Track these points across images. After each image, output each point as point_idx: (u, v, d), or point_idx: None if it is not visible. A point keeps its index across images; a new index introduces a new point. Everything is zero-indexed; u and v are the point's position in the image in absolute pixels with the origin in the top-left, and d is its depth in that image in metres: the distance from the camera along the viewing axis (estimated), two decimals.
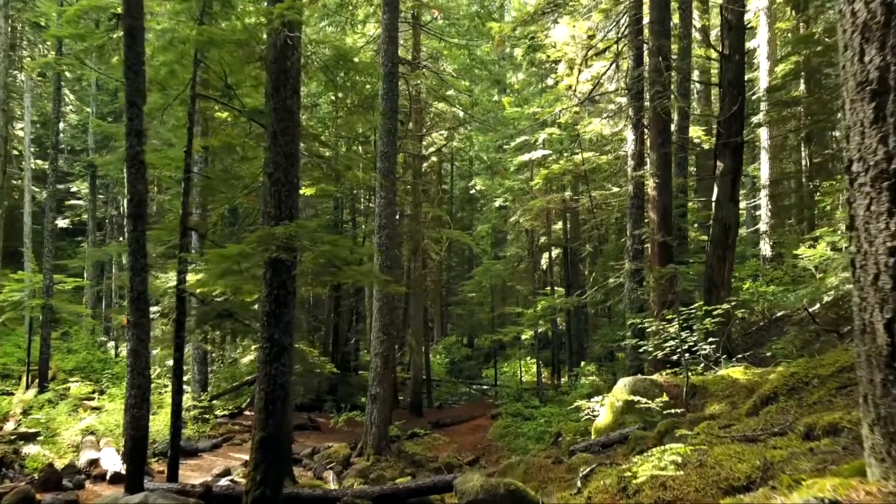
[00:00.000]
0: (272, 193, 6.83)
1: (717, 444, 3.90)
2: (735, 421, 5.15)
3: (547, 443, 15.42)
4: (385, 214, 14.09)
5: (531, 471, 7.03)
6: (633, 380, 8.46)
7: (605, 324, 19.53)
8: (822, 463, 2.87)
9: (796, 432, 3.61)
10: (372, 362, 14.10)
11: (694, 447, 3.90)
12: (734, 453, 3.45)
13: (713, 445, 3.90)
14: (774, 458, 3.22)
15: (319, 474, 12.50)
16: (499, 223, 31.72)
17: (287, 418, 6.77)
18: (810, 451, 3.19)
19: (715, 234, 12.10)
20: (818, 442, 3.32)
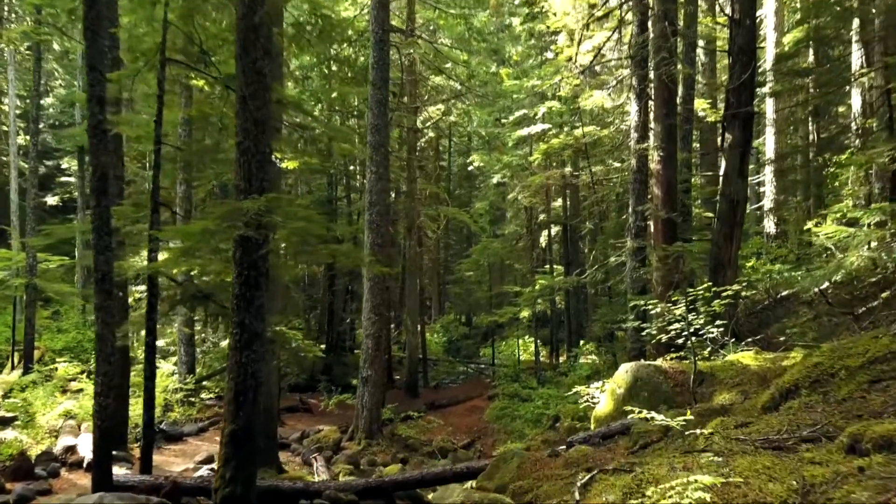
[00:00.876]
0: (241, 164, 6.21)
1: (737, 453, 3.34)
2: (752, 418, 4.59)
3: (545, 426, 14.96)
4: (376, 190, 13.46)
5: (525, 466, 6.50)
6: (636, 365, 7.91)
7: (606, 303, 19.00)
8: (883, 492, 2.31)
9: (836, 442, 3.06)
10: (363, 344, 13.58)
11: (713, 462, 3.34)
12: (763, 469, 2.88)
13: (733, 454, 3.35)
14: (815, 478, 2.67)
15: (308, 460, 12.03)
16: (497, 200, 31.06)
17: (259, 409, 6.23)
18: (860, 472, 2.64)
19: (722, 211, 11.48)
20: (868, 458, 2.77)
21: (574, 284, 14.80)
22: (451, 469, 7.37)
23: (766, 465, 2.92)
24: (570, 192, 24.40)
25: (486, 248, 25.90)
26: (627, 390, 7.79)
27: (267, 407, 10.59)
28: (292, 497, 7.39)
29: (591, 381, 15.86)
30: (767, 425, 4.07)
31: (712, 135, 23.58)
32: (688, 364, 7.87)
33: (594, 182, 19.85)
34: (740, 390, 6.70)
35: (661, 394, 7.47)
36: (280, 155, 9.81)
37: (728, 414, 5.85)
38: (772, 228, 22.37)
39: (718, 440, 4.03)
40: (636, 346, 11.72)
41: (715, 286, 8.81)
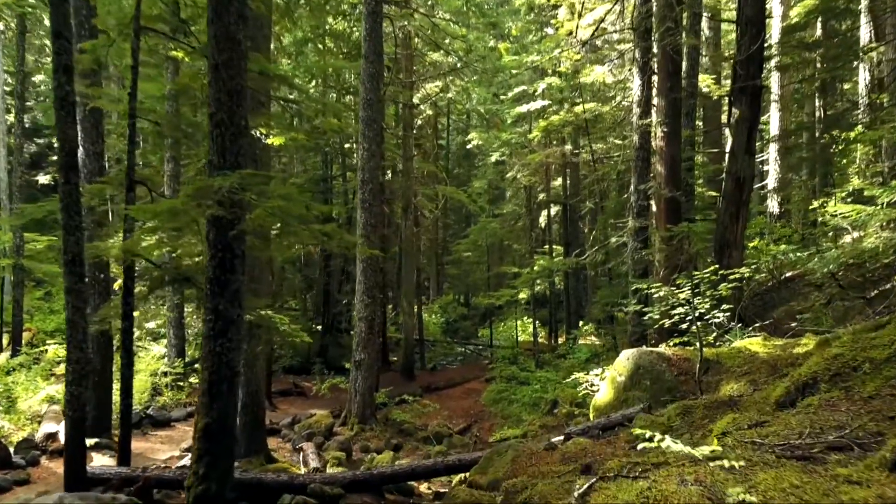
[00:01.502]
0: (214, 138, 5.75)
1: (757, 464, 2.94)
2: (767, 416, 4.18)
3: (542, 411, 14.64)
4: (368, 168, 12.98)
5: (519, 460, 6.12)
6: (638, 352, 7.51)
7: (606, 284, 18.59)
8: None
9: (878, 457, 2.64)
10: (356, 327, 13.19)
11: (730, 476, 2.93)
12: (791, 488, 2.47)
13: (752, 465, 2.94)
14: (855, 502, 2.27)
15: (298, 446, 11.70)
16: (496, 179, 30.55)
17: (236, 402, 5.82)
18: None
19: (727, 190, 11.01)
20: None
21: (573, 266, 14.37)
22: (443, 461, 7.00)
23: (793, 482, 2.52)
24: (570, 171, 23.89)
25: (484, 228, 25.47)
26: (629, 378, 7.39)
27: (254, 392, 10.23)
28: (276, 491, 7.03)
29: (590, 364, 15.53)
30: (786, 426, 3.66)
31: (715, 111, 23.02)
32: (692, 351, 7.46)
33: (595, 160, 19.34)
34: (749, 380, 6.29)
35: (663, 382, 7.08)
36: (265, 130, 9.32)
37: (738, 408, 5.45)
38: (775, 208, 21.91)
39: (732, 443, 3.62)
40: (637, 329, 11.33)
41: (720, 267, 8.40)
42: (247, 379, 10.17)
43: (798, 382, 4.60)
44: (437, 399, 17.51)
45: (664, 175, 11.17)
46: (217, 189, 5.22)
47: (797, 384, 4.60)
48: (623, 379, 7.48)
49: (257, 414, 10.22)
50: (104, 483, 7.15)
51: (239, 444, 10.22)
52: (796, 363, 6.09)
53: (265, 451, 10.34)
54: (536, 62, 19.87)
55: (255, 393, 10.19)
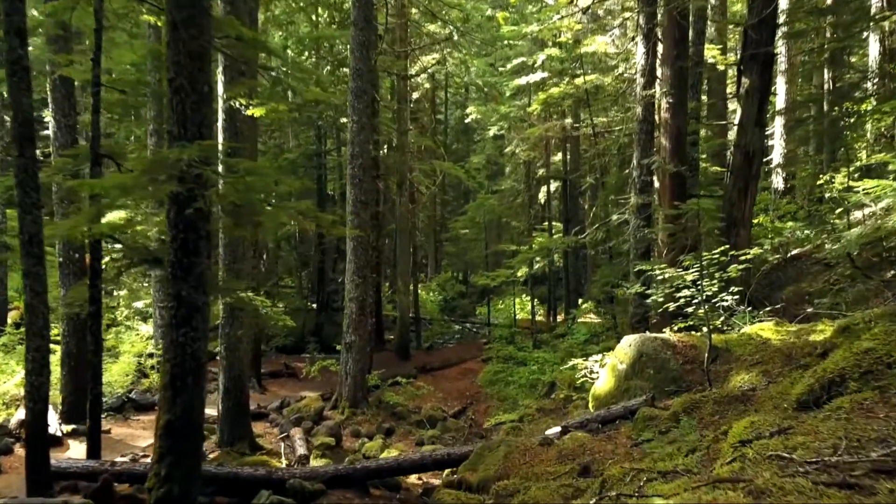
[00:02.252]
0: (174, 106, 5.17)
1: (790, 492, 2.43)
2: (790, 420, 3.68)
3: (540, 393, 14.21)
4: (358, 142, 12.37)
5: (512, 457, 5.65)
6: (641, 339, 7.01)
7: (606, 262, 18.06)
8: None
9: None
10: (346, 308, 12.69)
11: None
12: None
13: (784, 492, 2.44)
14: None
15: (286, 431, 11.27)
16: (494, 154, 29.87)
17: (202, 396, 5.33)
18: None
19: (736, 164, 10.46)
20: None
21: (573, 244, 13.84)
22: (431, 456, 6.54)
23: None
24: (570, 146, 23.25)
25: (482, 204, 24.87)
26: (630, 366, 6.90)
27: (237, 376, 9.77)
28: (253, 486, 6.59)
29: (589, 345, 15.08)
30: (816, 436, 3.15)
31: (720, 83, 22.29)
32: (699, 337, 6.97)
33: (595, 134, 18.69)
34: (761, 370, 5.80)
35: (668, 372, 6.59)
36: (245, 101, 8.71)
37: (751, 403, 4.96)
38: (780, 184, 21.31)
39: (753, 456, 3.12)
40: (639, 311, 10.83)
41: (727, 246, 7.89)
42: (229, 363, 9.71)
43: (823, 379, 4.09)
44: (432, 380, 17.10)
45: (669, 149, 10.58)
46: (174, 162, 4.66)
47: (822, 381, 4.09)
48: (624, 367, 6.99)
49: (241, 399, 9.77)
50: (70, 477, 6.71)
51: (222, 431, 9.80)
52: (814, 353, 5.60)
53: (250, 438, 9.91)
54: (536, 32, 19.10)
55: (238, 378, 9.72)
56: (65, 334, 10.63)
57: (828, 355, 5.32)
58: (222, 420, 9.73)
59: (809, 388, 4.15)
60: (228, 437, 9.63)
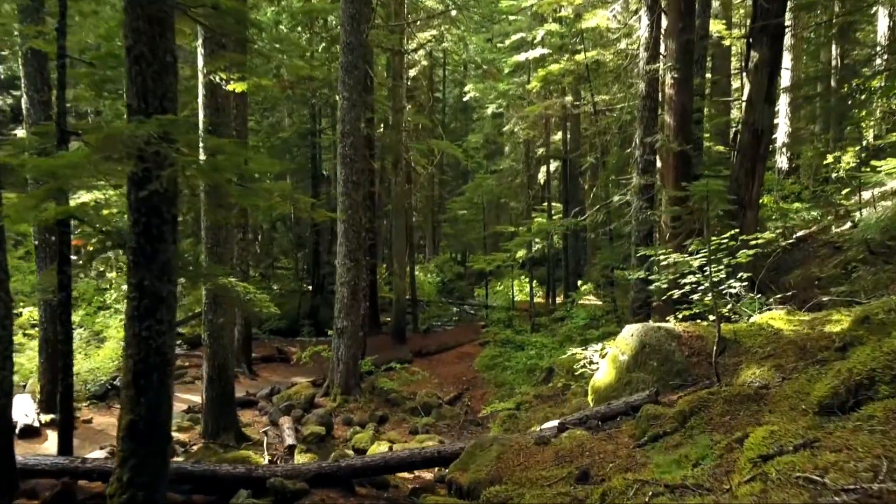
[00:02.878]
0: (132, 77, 4.69)
1: None
2: (815, 430, 3.26)
3: (538, 379, 13.85)
4: (349, 119, 11.86)
5: (506, 457, 5.26)
6: (644, 328, 6.59)
7: (606, 244, 17.61)
8: None
9: None
10: (338, 292, 12.27)
11: None
12: None
13: None
14: None
15: (275, 420, 10.91)
16: (493, 133, 29.28)
17: (168, 394, 4.91)
18: None
19: (744, 142, 9.98)
20: None
21: (572, 226, 13.38)
22: (420, 453, 6.16)
23: None
24: (570, 125, 22.69)
25: (479, 185, 24.37)
26: (632, 358, 6.49)
27: (221, 365, 9.37)
28: (232, 485, 6.21)
29: (589, 330, 14.68)
30: (848, 453, 2.74)
31: (724, 60, 21.69)
32: (706, 327, 6.55)
33: (596, 112, 18.14)
34: (774, 364, 5.39)
35: (673, 364, 6.18)
36: (226, 76, 8.21)
37: (766, 404, 4.55)
38: (784, 163, 20.82)
39: (776, 478, 2.71)
40: (640, 296, 10.41)
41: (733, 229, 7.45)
42: (213, 351, 9.31)
43: (849, 381, 3.67)
44: (428, 364, 16.75)
45: (673, 126, 10.09)
46: (129, 139, 4.20)
47: (848, 384, 3.67)
48: (626, 358, 6.58)
49: (226, 388, 9.39)
50: (39, 476, 6.33)
51: (206, 421, 9.44)
52: (832, 346, 5.18)
53: (235, 428, 9.55)
54: (535, 6, 18.47)
55: (223, 366, 9.33)
56: (42, 320, 10.23)
57: (848, 350, 4.91)
58: (206, 410, 9.36)
59: (833, 391, 3.73)
60: (213, 427, 9.27)
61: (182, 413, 10.53)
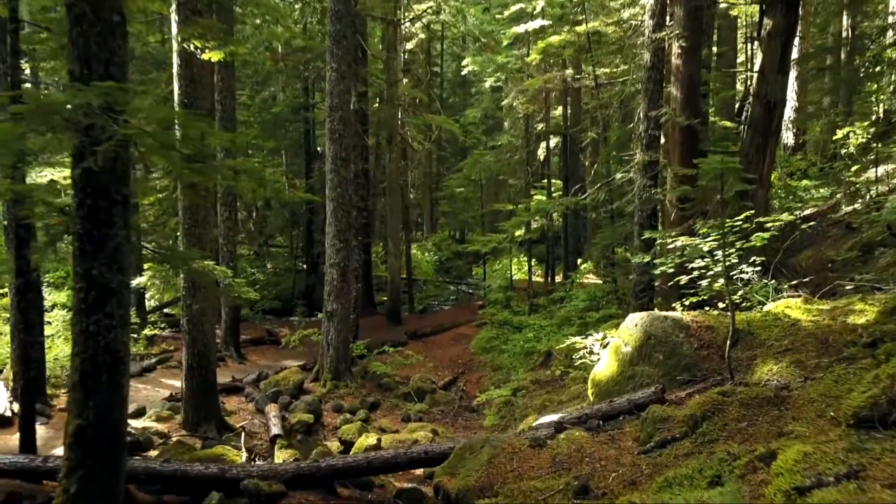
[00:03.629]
0: (74, 39, 4.12)
1: None
2: (856, 453, 2.77)
3: (535, 362, 13.41)
4: (338, 92, 11.25)
5: (498, 462, 4.79)
6: (649, 318, 6.09)
7: (607, 223, 17.05)
8: None
9: None
10: (327, 274, 11.77)
11: None
12: None
13: None
14: None
15: (261, 407, 10.47)
16: (491, 108, 28.55)
17: (122, 395, 4.42)
18: None
19: (754, 116, 9.40)
20: None
21: (572, 206, 12.83)
22: (405, 453, 5.70)
23: None
24: (570, 99, 22.00)
25: (477, 161, 23.72)
26: (637, 349, 6.00)
27: (201, 352, 8.90)
28: (204, 486, 5.75)
29: (589, 312, 14.20)
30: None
31: (731, 31, 20.95)
32: (716, 316, 6.05)
33: (598, 85, 17.46)
34: (793, 360, 4.89)
35: (680, 357, 5.69)
36: (199, 44, 7.61)
37: (789, 409, 4.06)
38: (791, 139, 20.20)
39: None
40: (643, 279, 9.88)
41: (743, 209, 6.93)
42: (192, 338, 8.82)
43: (892, 391, 3.16)
44: (423, 347, 16.32)
45: (680, 99, 9.50)
46: (64, 108, 3.65)
47: (891, 393, 3.17)
48: (629, 350, 6.09)
49: (206, 377, 8.92)
50: None
51: (186, 411, 8.99)
52: (859, 341, 4.68)
53: (217, 418, 9.10)
54: None
55: (203, 353, 8.85)
56: (12, 304, 9.72)
57: (878, 346, 4.42)
58: (186, 399, 8.91)
59: (872, 401, 3.23)
60: (193, 417, 8.83)
61: (163, 401, 10.09)
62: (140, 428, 8.67)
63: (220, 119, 13.43)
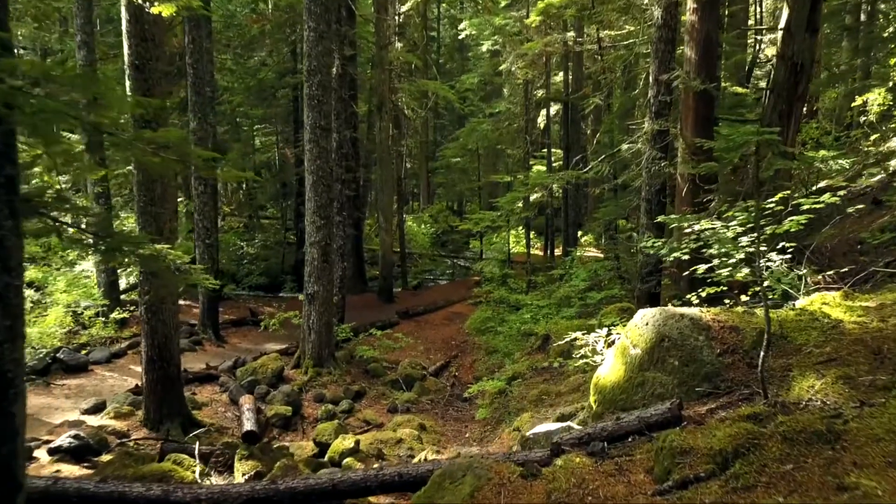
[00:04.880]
0: None
1: None
2: None
3: (533, 346, 12.60)
4: (316, 54, 10.23)
5: (482, 496, 3.96)
6: (661, 316, 5.21)
7: (611, 197, 16.12)
8: None
9: None
10: (308, 254, 10.90)
11: None
12: None
13: None
14: None
15: (236, 398, 9.70)
16: (489, 73, 27.35)
17: (14, 425, 3.56)
18: None
19: (778, 79, 8.40)
20: None
21: (573, 180, 11.88)
22: (376, 476, 4.87)
23: None
24: (572, 64, 20.86)
25: (474, 129, 22.70)
26: (647, 352, 5.14)
27: (161, 344, 8.05)
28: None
29: (590, 293, 13.34)
30: None
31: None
32: (741, 315, 5.17)
33: (602, 48, 16.35)
34: (840, 374, 4.03)
35: (700, 364, 4.83)
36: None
37: (848, 450, 3.20)
38: None
39: None
40: (650, 260, 8.99)
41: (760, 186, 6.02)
42: (151, 328, 7.97)
43: None
44: (415, 327, 15.54)
45: (695, 60, 8.49)
46: None
47: None
48: (639, 352, 5.23)
49: (169, 371, 8.09)
50: None
51: (148, 409, 8.19)
52: None
53: (183, 414, 8.30)
54: None
55: (165, 344, 8.01)
56: None
57: None
58: (147, 395, 8.10)
59: None
60: (155, 414, 8.03)
61: (127, 393, 9.28)
62: (96, 427, 7.88)
63: (193, 84, 12.41)
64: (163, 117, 7.60)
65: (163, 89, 7.75)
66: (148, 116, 7.02)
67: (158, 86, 7.62)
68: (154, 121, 7.52)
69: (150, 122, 7.44)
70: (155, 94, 7.57)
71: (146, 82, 7.47)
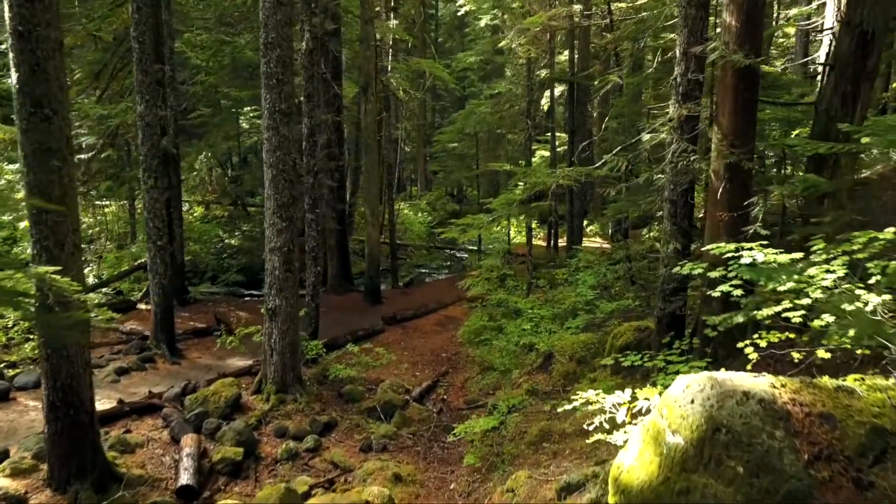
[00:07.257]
0: None
1: None
2: None
3: (533, 364, 11.01)
4: (273, 24, 8.51)
5: None
6: (714, 391, 3.56)
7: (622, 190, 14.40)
8: None
9: None
10: (267, 262, 9.26)
11: None
12: None
13: None
14: None
15: (178, 436, 8.15)
16: (489, 51, 25.48)
17: None
18: None
19: (842, 54, 6.71)
20: None
21: (581, 177, 10.17)
22: None
23: None
24: (578, 42, 19.05)
25: (472, 112, 20.94)
26: (695, 446, 3.51)
27: (67, 385, 6.44)
28: None
29: (598, 302, 11.67)
30: None
31: None
32: (832, 392, 3.52)
33: (612, 22, 14.55)
34: None
35: (778, 476, 3.21)
36: None
37: None
38: None
39: None
40: (676, 276, 7.32)
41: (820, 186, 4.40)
42: (52, 367, 6.37)
43: None
44: (402, 334, 13.96)
45: (736, 29, 6.74)
46: None
47: None
48: (681, 442, 3.59)
49: (77, 417, 6.51)
50: None
51: (52, 466, 6.61)
52: None
53: (100, 469, 6.72)
54: None
55: (70, 387, 6.42)
56: None
57: None
58: (50, 451, 6.52)
59: None
60: (60, 474, 6.46)
61: (40, 436, 7.69)
62: None
63: (138, 61, 10.72)
64: (60, 102, 5.94)
65: (60, 64, 6.08)
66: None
67: (53, 59, 5.96)
68: (48, 107, 5.90)
69: (42, 109, 5.82)
70: (49, 69, 5.92)
71: (34, 54, 5.82)
